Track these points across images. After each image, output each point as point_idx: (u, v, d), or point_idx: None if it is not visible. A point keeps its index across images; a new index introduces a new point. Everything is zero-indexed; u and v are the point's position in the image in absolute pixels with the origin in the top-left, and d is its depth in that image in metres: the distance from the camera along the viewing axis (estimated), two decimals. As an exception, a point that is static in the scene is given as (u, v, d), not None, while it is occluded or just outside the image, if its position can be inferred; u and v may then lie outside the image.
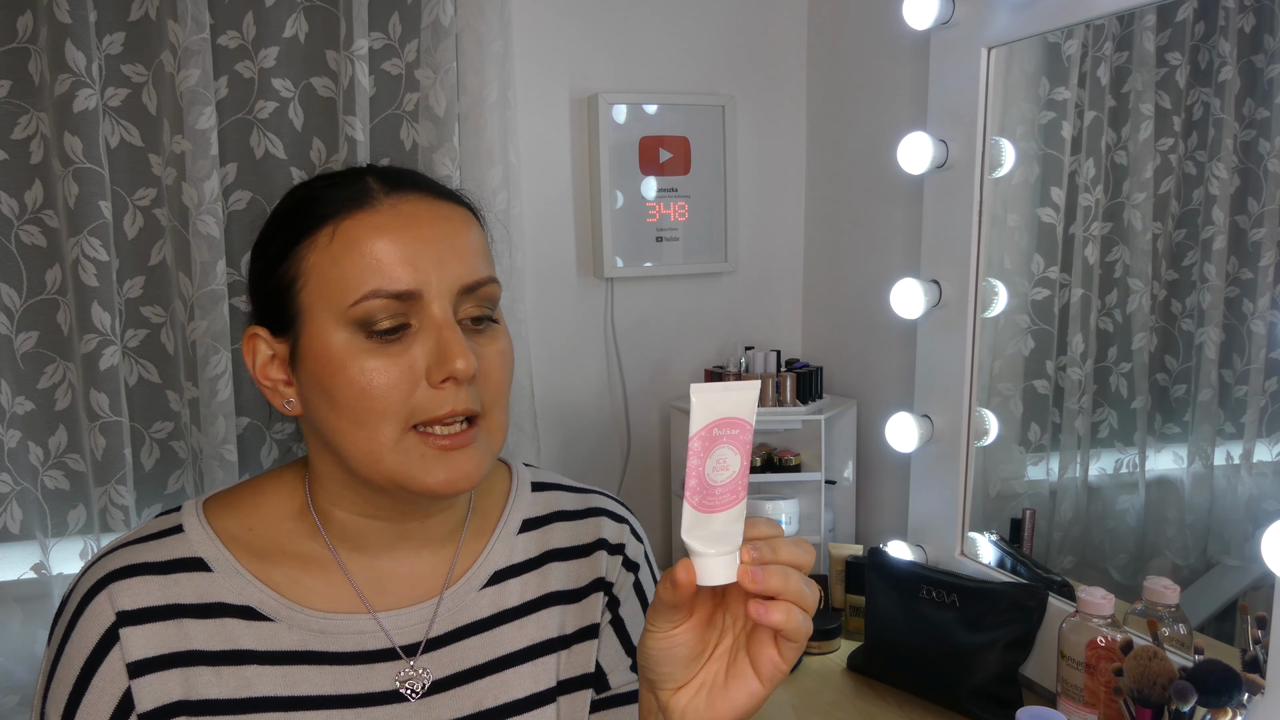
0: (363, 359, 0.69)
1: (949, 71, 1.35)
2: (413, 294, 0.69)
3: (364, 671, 0.75)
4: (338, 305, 0.69)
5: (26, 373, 1.34)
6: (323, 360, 0.70)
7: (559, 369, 1.68)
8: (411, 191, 0.73)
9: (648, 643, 0.64)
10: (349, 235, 0.70)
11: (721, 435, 0.57)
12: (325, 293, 0.70)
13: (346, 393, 0.69)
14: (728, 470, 0.58)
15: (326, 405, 0.71)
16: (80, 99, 1.26)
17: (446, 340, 0.69)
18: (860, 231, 1.70)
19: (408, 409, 0.69)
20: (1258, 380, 1.14)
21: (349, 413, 0.70)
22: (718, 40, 1.73)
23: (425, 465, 0.70)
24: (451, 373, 0.68)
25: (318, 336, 0.70)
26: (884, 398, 1.63)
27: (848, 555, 1.51)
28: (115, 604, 0.71)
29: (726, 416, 0.57)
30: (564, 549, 0.84)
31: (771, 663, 0.62)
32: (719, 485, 0.58)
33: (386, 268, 0.69)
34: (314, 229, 0.71)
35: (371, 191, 0.72)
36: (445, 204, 0.74)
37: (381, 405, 0.69)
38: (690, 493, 0.58)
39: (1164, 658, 0.96)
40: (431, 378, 0.69)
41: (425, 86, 1.46)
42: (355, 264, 0.69)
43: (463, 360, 0.68)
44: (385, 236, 0.69)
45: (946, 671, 1.24)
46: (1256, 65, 1.11)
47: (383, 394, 0.69)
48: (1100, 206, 1.29)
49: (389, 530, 0.77)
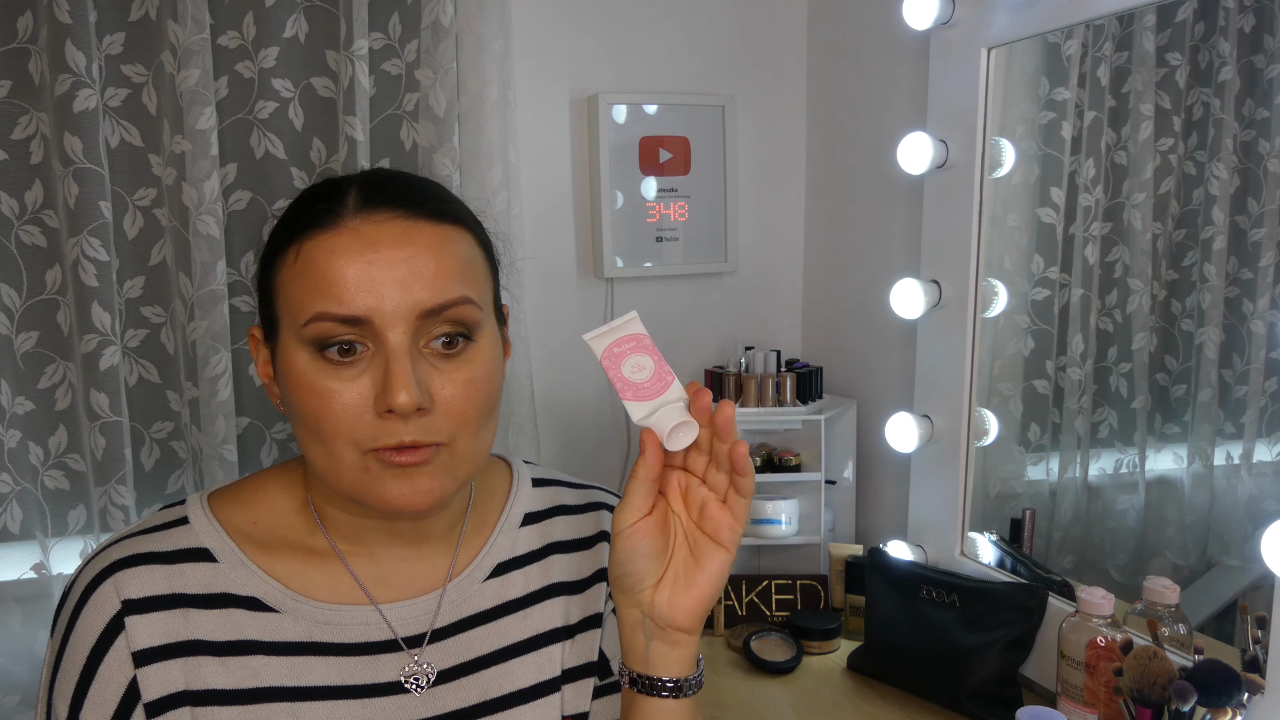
0: (318, 379, 0.69)
1: (949, 71, 1.35)
2: (361, 320, 0.67)
3: (369, 663, 0.76)
4: (294, 324, 0.70)
5: (26, 373, 1.34)
6: (285, 374, 0.71)
7: (559, 369, 1.68)
8: (384, 209, 0.70)
9: (619, 548, 0.70)
10: (308, 256, 0.69)
11: (621, 351, 0.70)
12: (287, 310, 0.71)
13: (304, 409, 0.70)
14: (645, 370, 0.70)
15: (293, 417, 0.72)
16: (80, 99, 1.26)
17: (391, 373, 0.67)
18: (860, 231, 1.70)
19: (360, 434, 0.69)
20: (1258, 380, 1.14)
21: (308, 429, 0.71)
22: (718, 40, 1.73)
23: (383, 483, 0.70)
24: (391, 405, 0.67)
25: (285, 351, 0.71)
26: (884, 398, 1.63)
27: (848, 555, 1.51)
28: (120, 593, 0.72)
29: (616, 338, 0.71)
30: (566, 541, 0.86)
31: (728, 526, 0.70)
32: (644, 381, 0.70)
33: (336, 291, 0.68)
34: (284, 247, 0.72)
35: (340, 211, 0.70)
36: (420, 223, 0.71)
37: (334, 427, 0.69)
38: (622, 395, 0.70)
39: (1164, 658, 0.96)
40: (377, 407, 0.68)
41: (425, 87, 1.46)
42: (309, 285, 0.69)
43: (405, 394, 0.66)
44: (341, 259, 0.68)
45: (946, 671, 1.24)
46: (1256, 65, 1.11)
47: (335, 416, 0.68)
48: (1100, 206, 1.29)
49: (382, 528, 0.78)
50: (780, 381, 1.59)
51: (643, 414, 0.69)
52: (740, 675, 1.37)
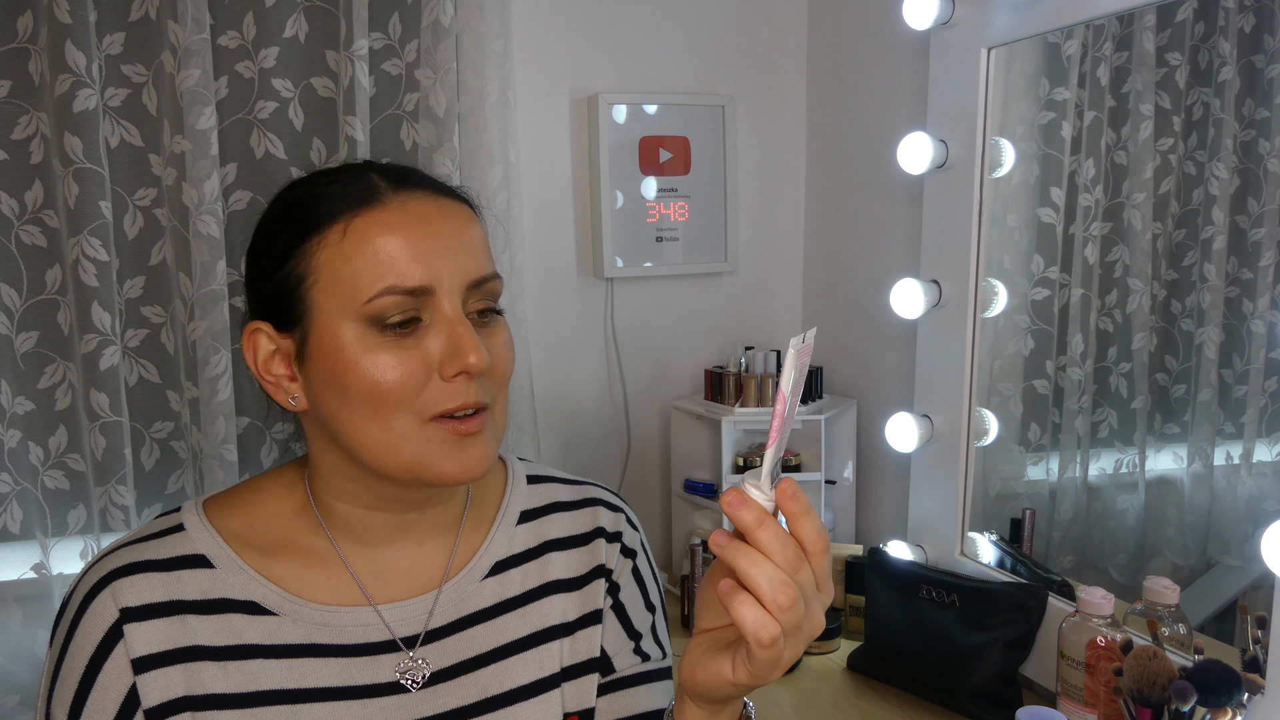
0: (376, 354, 0.70)
1: (949, 71, 1.35)
2: (425, 290, 0.70)
3: (367, 663, 0.76)
4: (351, 302, 0.70)
5: (26, 373, 1.34)
6: (334, 356, 0.71)
7: (559, 369, 1.68)
8: (416, 189, 0.74)
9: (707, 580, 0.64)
10: (361, 232, 0.70)
11: (799, 381, 0.59)
12: (337, 290, 0.70)
13: (359, 387, 0.70)
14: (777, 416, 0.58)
15: (338, 400, 0.71)
16: (80, 99, 1.26)
17: (459, 335, 0.70)
18: (860, 231, 1.70)
19: (420, 402, 0.71)
20: (1257, 380, 1.14)
21: (363, 406, 0.71)
22: (718, 40, 1.73)
23: (445, 453, 0.72)
24: (465, 367, 0.70)
25: (328, 332, 0.71)
26: (884, 398, 1.63)
27: (848, 555, 1.51)
28: (118, 601, 0.72)
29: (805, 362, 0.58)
30: (562, 539, 0.86)
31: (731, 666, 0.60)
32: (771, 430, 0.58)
33: (400, 265, 0.70)
34: (323, 226, 0.71)
35: (379, 189, 0.72)
36: (449, 201, 0.75)
37: (395, 398, 0.70)
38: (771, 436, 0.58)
39: (1164, 658, 0.96)
40: (444, 371, 0.71)
41: (425, 86, 1.46)
42: (368, 261, 0.70)
43: (475, 355, 0.70)
44: (398, 234, 0.70)
45: (946, 671, 1.24)
46: (1256, 65, 1.11)
47: (396, 388, 0.70)
48: (1100, 206, 1.29)
49: (391, 522, 0.78)
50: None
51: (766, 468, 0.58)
52: (740, 675, 1.37)
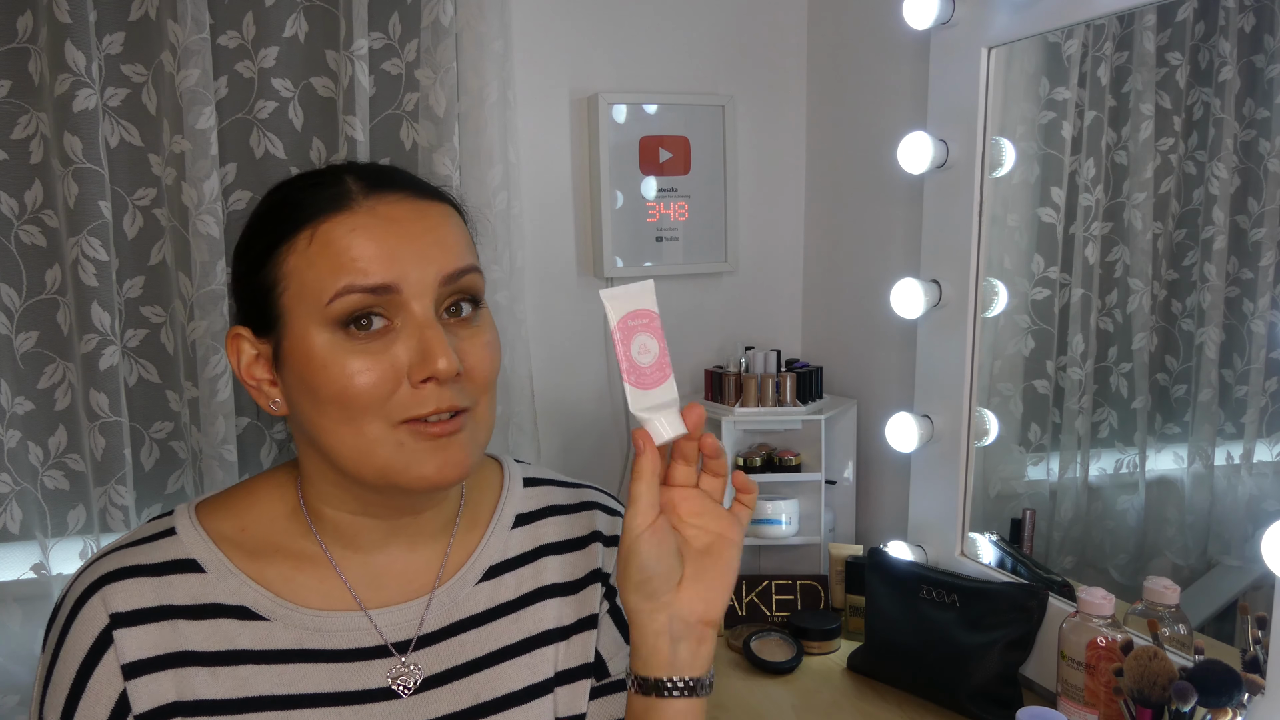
0: (345, 359, 0.69)
1: (949, 71, 1.35)
2: (389, 288, 0.69)
3: (359, 669, 0.75)
4: (316, 306, 0.69)
5: (26, 373, 1.34)
6: (305, 361, 0.70)
7: (559, 369, 1.68)
8: (390, 191, 0.73)
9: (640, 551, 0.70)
10: (325, 237, 0.70)
11: (635, 325, 0.70)
12: (304, 295, 0.70)
13: (329, 392, 0.69)
14: (650, 354, 0.70)
15: (311, 405, 0.71)
16: (80, 99, 1.26)
17: (428, 340, 0.69)
18: (860, 231, 1.70)
19: (389, 407, 0.70)
20: (1258, 380, 1.14)
21: (335, 411, 0.70)
22: (718, 40, 1.73)
23: (418, 457, 0.70)
24: (433, 373, 0.69)
25: (299, 338, 0.71)
26: (884, 398, 1.63)
27: (848, 555, 1.51)
28: (108, 606, 0.72)
29: (634, 310, 0.70)
30: (558, 543, 0.86)
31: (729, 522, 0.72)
32: (647, 366, 0.70)
33: (361, 263, 0.69)
34: (292, 233, 0.71)
35: (349, 194, 0.72)
36: (426, 202, 0.74)
37: (364, 403, 0.69)
38: (626, 375, 0.70)
39: (1164, 658, 0.96)
40: (413, 377, 0.69)
41: (425, 86, 1.46)
42: (330, 263, 0.69)
43: (445, 360, 0.68)
44: (361, 235, 0.70)
45: (946, 671, 1.24)
46: (1256, 65, 1.11)
47: (365, 393, 0.69)
48: (1100, 206, 1.29)
49: (381, 527, 0.78)
50: (780, 381, 1.59)
51: (641, 405, 0.69)
52: (740, 675, 1.37)
